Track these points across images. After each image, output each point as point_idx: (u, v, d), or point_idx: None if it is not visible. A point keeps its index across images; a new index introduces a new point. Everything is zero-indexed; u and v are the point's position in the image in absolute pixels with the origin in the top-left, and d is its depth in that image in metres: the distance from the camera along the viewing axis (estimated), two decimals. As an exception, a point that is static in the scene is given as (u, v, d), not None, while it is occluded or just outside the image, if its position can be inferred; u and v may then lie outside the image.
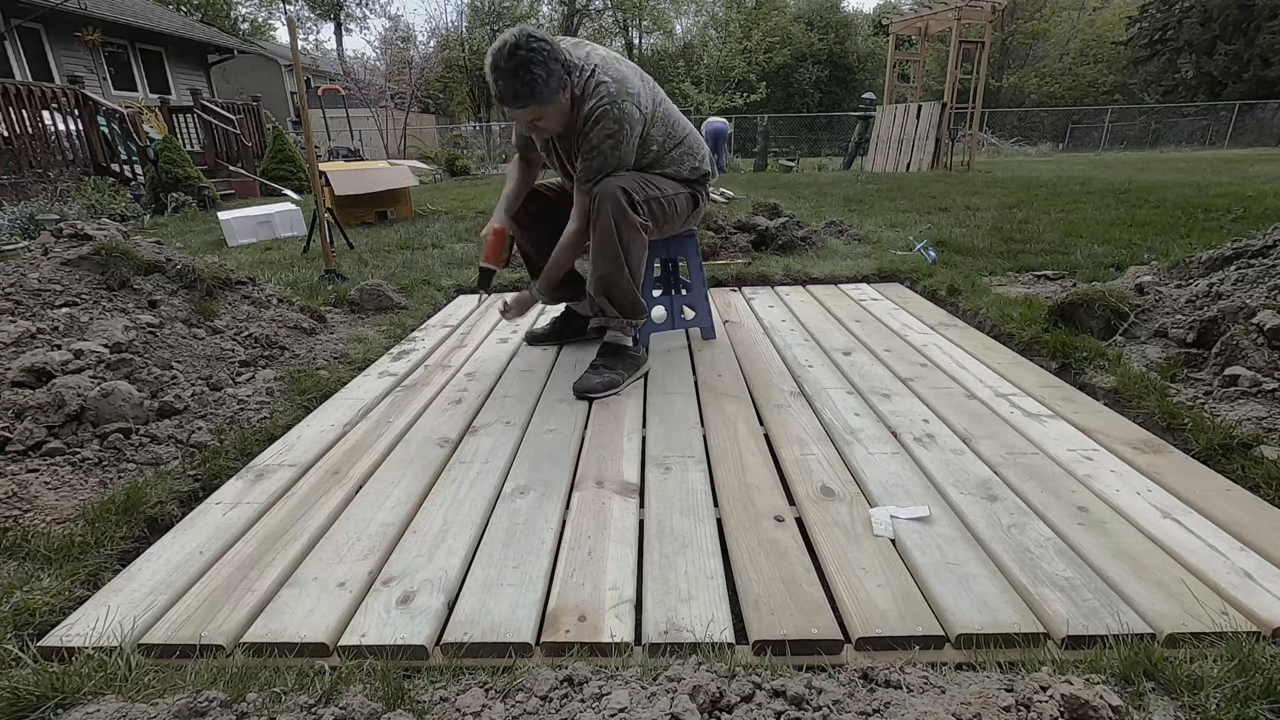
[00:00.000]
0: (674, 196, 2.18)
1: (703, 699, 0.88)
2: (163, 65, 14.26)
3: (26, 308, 2.00)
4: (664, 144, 2.13)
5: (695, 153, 2.22)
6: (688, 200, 2.25)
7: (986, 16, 11.02)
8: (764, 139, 15.52)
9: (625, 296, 2.12)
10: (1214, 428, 1.61)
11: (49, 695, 0.92)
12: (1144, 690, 0.91)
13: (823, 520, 1.35)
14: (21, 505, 1.38)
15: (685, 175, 2.22)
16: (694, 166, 2.22)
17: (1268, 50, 23.25)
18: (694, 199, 2.27)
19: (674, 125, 2.16)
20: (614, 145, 1.96)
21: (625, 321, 2.16)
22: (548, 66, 1.80)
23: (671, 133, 2.14)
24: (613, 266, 2.06)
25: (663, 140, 2.12)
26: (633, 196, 2.02)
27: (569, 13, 30.07)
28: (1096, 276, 3.12)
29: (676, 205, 2.20)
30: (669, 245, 2.47)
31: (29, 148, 7.01)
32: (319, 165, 4.90)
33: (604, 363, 2.15)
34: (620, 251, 2.04)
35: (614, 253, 2.04)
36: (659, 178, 2.15)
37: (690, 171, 2.22)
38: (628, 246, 2.05)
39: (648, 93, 2.05)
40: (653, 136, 2.09)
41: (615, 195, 1.99)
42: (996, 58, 32.85)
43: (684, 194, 2.23)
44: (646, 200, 2.07)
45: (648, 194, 2.08)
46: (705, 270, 3.69)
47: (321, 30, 32.15)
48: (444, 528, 1.37)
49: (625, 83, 1.95)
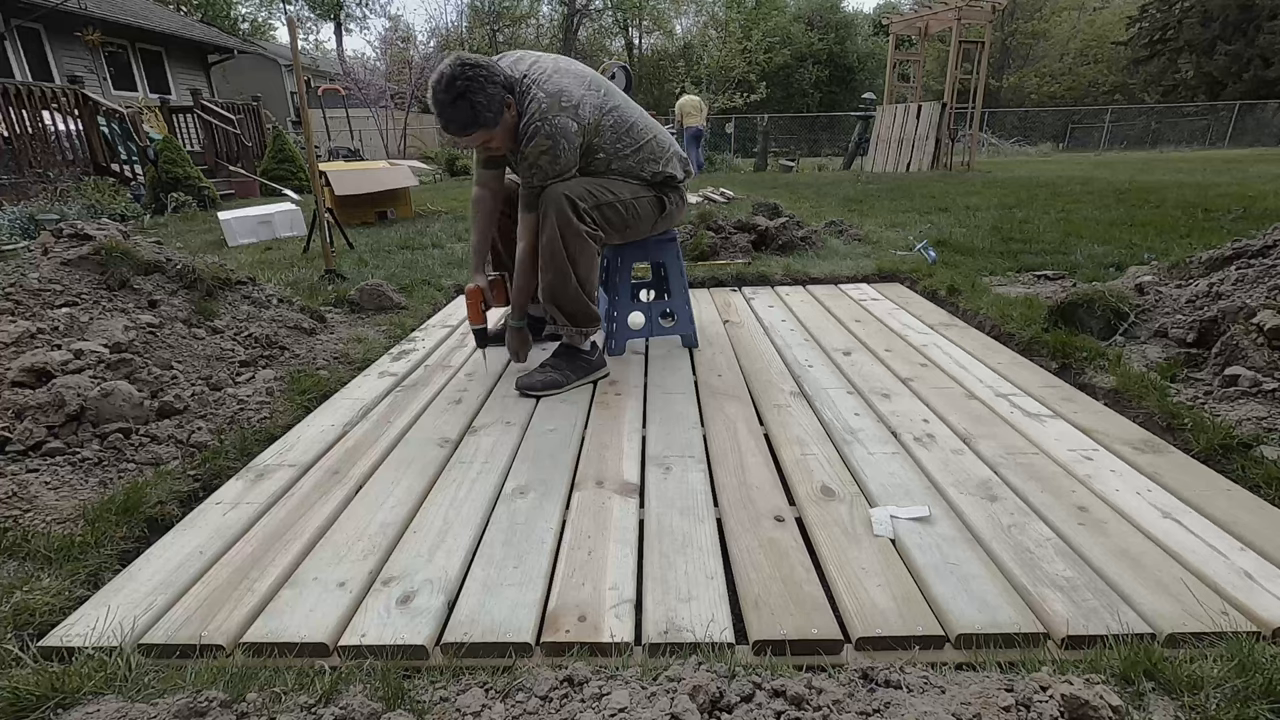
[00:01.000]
0: (632, 201, 2.15)
1: (703, 699, 0.88)
2: (163, 65, 14.25)
3: (26, 308, 2.00)
4: (614, 151, 2.09)
5: (658, 157, 2.18)
6: (652, 204, 2.22)
7: (986, 16, 11.01)
8: (764, 139, 15.52)
9: (573, 305, 2.11)
10: (1214, 428, 1.61)
11: (49, 695, 0.92)
12: (1144, 690, 0.91)
13: (823, 520, 1.35)
14: (21, 505, 1.38)
15: (643, 178, 2.18)
16: (655, 171, 2.18)
17: (1268, 50, 23.24)
18: (660, 201, 2.24)
19: (630, 131, 2.11)
20: (551, 160, 1.95)
21: (575, 330, 2.15)
22: (486, 92, 1.83)
23: (625, 139, 2.10)
24: (559, 276, 2.05)
25: (612, 148, 2.08)
26: (578, 204, 2.00)
27: (569, 13, 30.06)
28: (1096, 276, 3.12)
29: (637, 210, 2.17)
30: (648, 249, 2.42)
31: (29, 148, 7.01)
32: (319, 165, 4.90)
33: (552, 363, 2.17)
34: (566, 261, 2.03)
35: (559, 263, 2.03)
36: (615, 182, 2.12)
37: (651, 175, 2.18)
38: (574, 256, 2.04)
39: (593, 101, 2.01)
40: (597, 146, 2.06)
41: (560, 204, 1.97)
42: (996, 58, 32.86)
43: (646, 197, 2.19)
44: (597, 207, 2.05)
45: (598, 200, 2.05)
46: (705, 270, 3.72)
47: (321, 30, 32.17)
48: (444, 528, 1.37)
49: (560, 96, 1.94)
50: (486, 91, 1.83)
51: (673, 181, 2.25)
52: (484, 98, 1.83)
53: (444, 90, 1.81)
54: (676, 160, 2.25)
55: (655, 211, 2.24)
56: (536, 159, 1.95)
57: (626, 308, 2.48)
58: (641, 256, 2.46)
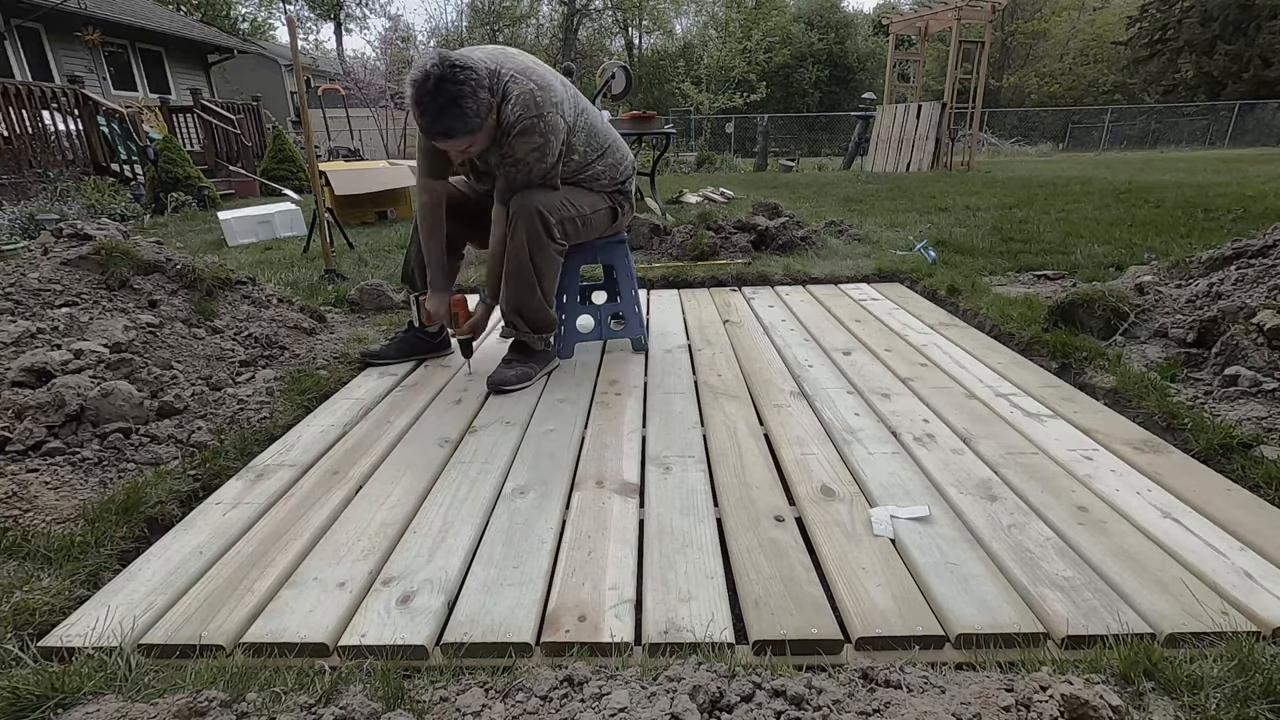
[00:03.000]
0: (591, 215, 2.16)
1: (703, 699, 0.88)
2: (162, 65, 14.25)
3: (26, 308, 2.00)
4: (585, 154, 2.08)
5: (617, 165, 2.18)
6: (606, 214, 2.24)
7: (986, 16, 11.01)
8: (764, 139, 15.51)
9: (537, 315, 2.13)
10: (1214, 428, 1.61)
11: (49, 695, 0.92)
12: (1144, 690, 0.91)
13: (823, 520, 1.35)
14: (21, 505, 1.38)
15: (605, 188, 2.19)
16: (614, 179, 2.19)
17: (1268, 50, 23.24)
18: (613, 212, 2.26)
19: (596, 135, 2.10)
20: (539, 157, 1.90)
21: (535, 336, 2.19)
22: (476, 96, 1.71)
23: (594, 143, 2.09)
24: (525, 288, 2.06)
25: (584, 150, 2.07)
26: (548, 219, 1.99)
27: (569, 13, 30.05)
28: (1096, 276, 3.12)
29: (593, 222, 2.19)
30: (596, 250, 2.40)
31: (29, 148, 7.01)
32: (319, 165, 4.90)
33: (517, 358, 2.19)
34: (533, 274, 2.04)
35: (526, 276, 2.04)
36: (579, 192, 2.12)
37: (610, 184, 2.19)
38: (540, 270, 2.05)
39: (571, 100, 1.99)
40: (574, 145, 2.04)
41: (531, 218, 1.96)
42: (996, 58, 32.85)
43: (603, 209, 2.21)
44: (562, 221, 2.05)
45: (562, 215, 2.05)
46: (705, 270, 3.71)
47: (321, 30, 32.19)
48: (444, 528, 1.37)
49: (549, 90, 1.86)
50: (477, 96, 1.72)
51: (625, 188, 2.26)
52: (474, 103, 1.71)
53: (431, 94, 1.68)
54: (631, 169, 2.27)
55: (608, 220, 2.27)
56: (525, 155, 1.88)
57: (575, 311, 2.45)
58: (590, 258, 2.43)
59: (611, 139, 2.18)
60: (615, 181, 2.20)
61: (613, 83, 5.64)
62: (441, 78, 1.67)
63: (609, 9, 30.67)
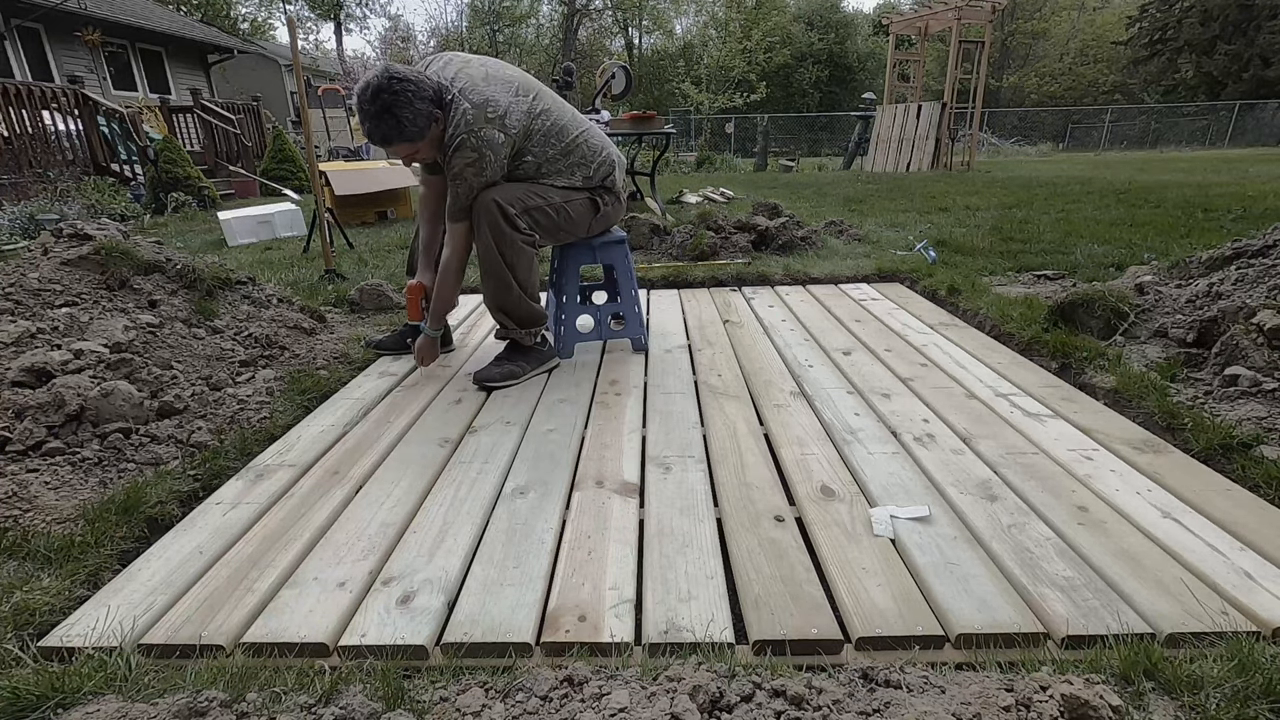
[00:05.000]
0: (564, 204, 2.15)
1: (703, 699, 0.88)
2: (162, 65, 14.25)
3: (26, 308, 2.00)
4: (542, 156, 2.09)
5: (589, 161, 2.17)
6: (586, 205, 2.22)
7: (986, 16, 11.01)
8: (764, 139, 15.52)
9: (519, 310, 2.13)
10: (1214, 427, 1.61)
11: (49, 695, 0.92)
12: (1144, 690, 0.91)
13: (823, 520, 1.35)
14: (21, 505, 1.38)
15: (576, 184, 2.18)
16: (586, 176, 2.18)
17: (1268, 50, 23.24)
18: (594, 203, 2.24)
19: (559, 135, 2.10)
20: (476, 171, 1.96)
21: (524, 332, 2.19)
22: (413, 107, 1.82)
23: (554, 142, 2.09)
24: (500, 284, 2.08)
25: (540, 154, 2.08)
26: (508, 210, 2.00)
27: (569, 13, 30.06)
28: (1096, 276, 3.12)
29: (569, 212, 2.17)
30: (595, 250, 2.39)
31: (29, 148, 7.01)
32: (319, 165, 4.90)
33: (506, 356, 2.21)
34: (504, 268, 2.05)
35: (498, 270, 2.05)
36: (545, 186, 2.12)
37: (583, 181, 2.18)
38: (511, 262, 2.05)
39: (521, 108, 2.00)
40: (526, 150, 2.06)
41: (491, 212, 1.98)
42: (996, 58, 32.86)
43: (579, 199, 2.20)
44: (527, 211, 2.05)
45: (527, 205, 2.05)
46: (705, 270, 3.71)
47: (321, 30, 32.17)
48: (444, 528, 1.37)
49: (486, 106, 1.92)
50: (414, 107, 1.82)
51: (606, 183, 2.25)
52: (410, 113, 1.82)
53: (369, 102, 1.81)
54: (610, 163, 2.25)
55: (589, 213, 2.25)
56: (462, 170, 1.96)
57: (574, 311, 2.45)
58: (589, 258, 2.42)
59: (581, 139, 2.16)
60: (589, 177, 2.19)
61: (613, 83, 5.65)
62: (379, 88, 1.80)
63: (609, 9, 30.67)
